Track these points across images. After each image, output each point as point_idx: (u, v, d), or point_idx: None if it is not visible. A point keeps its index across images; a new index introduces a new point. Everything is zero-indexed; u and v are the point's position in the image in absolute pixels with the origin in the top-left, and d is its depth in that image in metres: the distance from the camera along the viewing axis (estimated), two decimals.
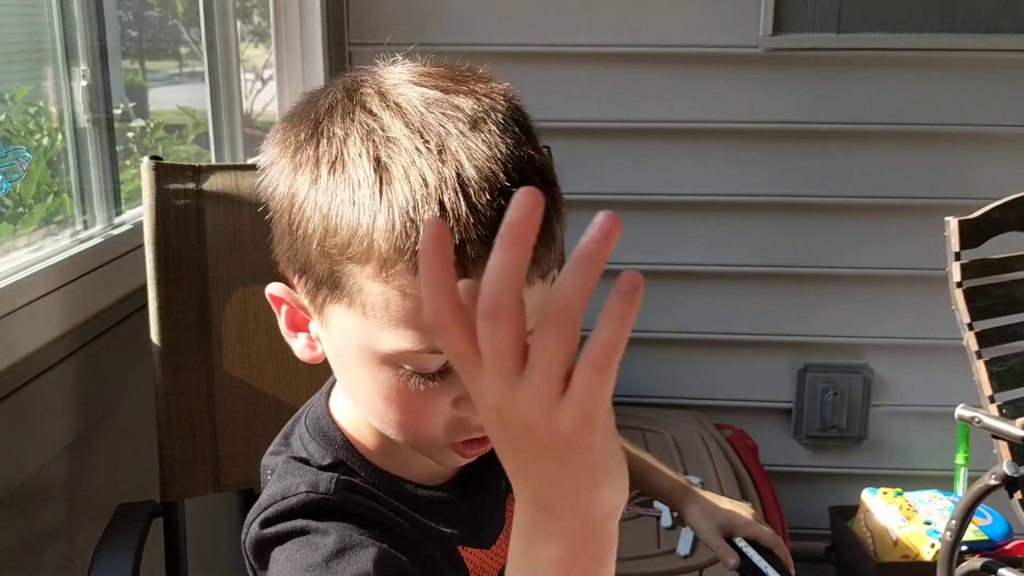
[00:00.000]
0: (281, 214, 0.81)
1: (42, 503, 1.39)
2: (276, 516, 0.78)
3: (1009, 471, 1.83)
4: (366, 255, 0.73)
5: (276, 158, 0.81)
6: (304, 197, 0.77)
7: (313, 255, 0.77)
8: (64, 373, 1.42)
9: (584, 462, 0.54)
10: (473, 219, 0.71)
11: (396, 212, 0.72)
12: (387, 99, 0.77)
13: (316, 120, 0.78)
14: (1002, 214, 2.14)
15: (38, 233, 1.63)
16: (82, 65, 1.65)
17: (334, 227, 0.75)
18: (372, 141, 0.75)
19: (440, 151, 0.73)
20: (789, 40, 2.67)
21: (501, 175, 0.74)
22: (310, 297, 0.81)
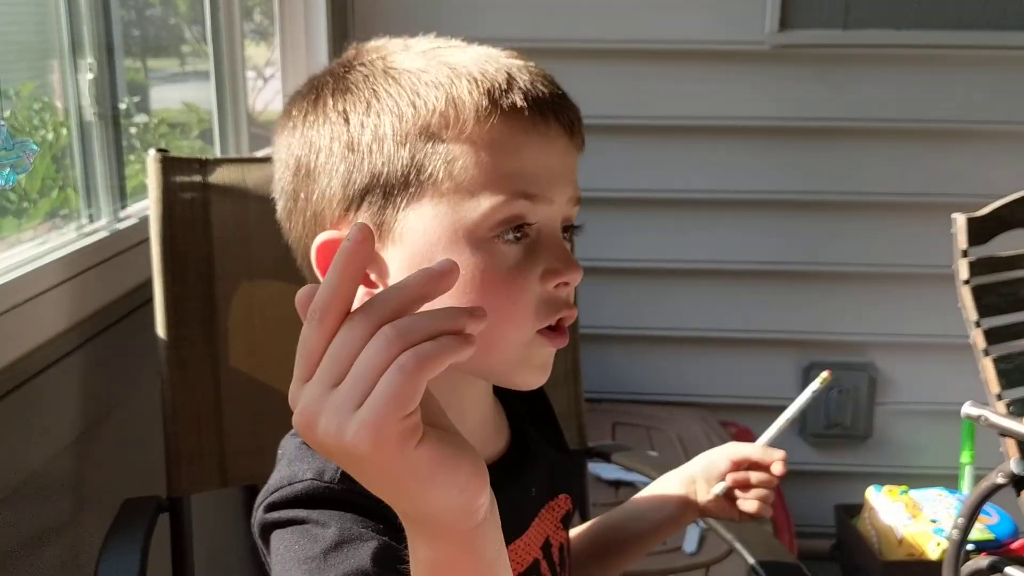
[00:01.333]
0: (328, 154, 0.83)
1: (48, 497, 1.39)
2: (280, 502, 0.78)
3: (1016, 469, 1.82)
4: (456, 120, 0.79)
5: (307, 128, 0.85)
6: (364, 112, 0.82)
7: (385, 155, 0.80)
8: (70, 367, 1.41)
9: (385, 474, 0.55)
10: (533, 76, 0.83)
11: (474, 71, 0.81)
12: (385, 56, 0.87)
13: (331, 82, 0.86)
14: (1010, 211, 2.13)
15: (43, 227, 1.62)
16: (89, 58, 1.64)
17: (410, 112, 0.80)
18: (402, 59, 0.86)
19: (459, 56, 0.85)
20: (795, 37, 2.66)
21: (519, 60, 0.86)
22: (377, 218, 0.81)
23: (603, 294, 2.81)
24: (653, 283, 2.88)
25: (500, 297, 0.79)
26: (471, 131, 0.79)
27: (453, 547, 0.59)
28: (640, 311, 2.88)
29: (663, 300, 2.88)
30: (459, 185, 0.79)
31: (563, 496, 0.99)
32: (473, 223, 0.79)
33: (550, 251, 0.81)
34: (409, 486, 0.55)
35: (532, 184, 0.80)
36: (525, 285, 0.80)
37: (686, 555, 2.09)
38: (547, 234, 0.82)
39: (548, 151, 0.82)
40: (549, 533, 0.95)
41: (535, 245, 0.81)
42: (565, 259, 0.82)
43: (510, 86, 0.81)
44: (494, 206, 0.78)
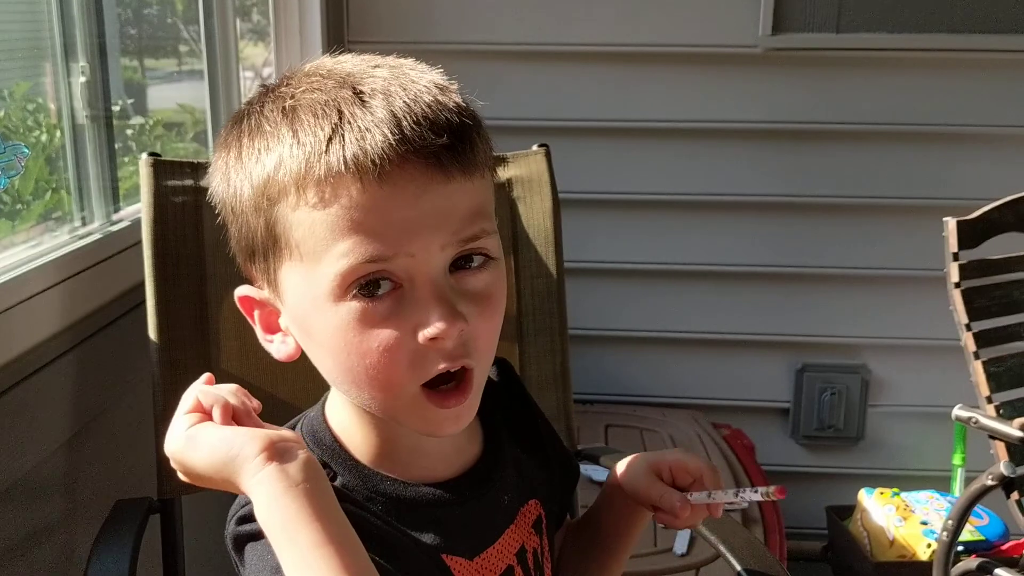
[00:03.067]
0: (226, 207, 0.85)
1: (40, 499, 1.39)
2: (250, 515, 0.78)
3: (1006, 471, 1.83)
4: (284, 188, 0.78)
5: (213, 172, 0.87)
6: (235, 173, 0.83)
7: (251, 221, 0.82)
8: (62, 369, 1.42)
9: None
10: (372, 121, 0.77)
11: (302, 136, 0.78)
12: (293, 80, 0.84)
13: (239, 127, 0.84)
14: (1001, 214, 2.14)
15: (36, 229, 1.63)
16: (81, 61, 1.65)
17: (259, 179, 0.80)
18: (282, 101, 0.81)
19: (344, 84, 0.80)
20: (788, 40, 2.67)
21: (401, 89, 0.79)
22: (265, 277, 0.84)
23: (597, 295, 2.82)
24: (647, 285, 2.88)
25: (370, 355, 0.79)
26: (302, 196, 0.77)
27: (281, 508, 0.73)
28: (634, 313, 2.89)
29: (657, 302, 2.89)
30: (306, 251, 0.79)
31: (533, 502, 0.98)
32: (326, 287, 0.78)
33: (418, 303, 0.78)
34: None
35: (377, 242, 0.77)
36: (395, 342, 0.79)
37: (676, 556, 2.10)
38: (419, 284, 0.78)
39: (396, 203, 0.76)
40: (523, 539, 0.95)
41: (405, 298, 0.79)
42: (433, 311, 0.78)
43: (337, 137, 0.76)
44: (339, 272, 0.77)
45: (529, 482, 0.99)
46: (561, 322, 1.61)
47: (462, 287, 0.81)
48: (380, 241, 0.77)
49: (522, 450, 1.00)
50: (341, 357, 0.81)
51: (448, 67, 0.83)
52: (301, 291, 0.81)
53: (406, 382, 0.80)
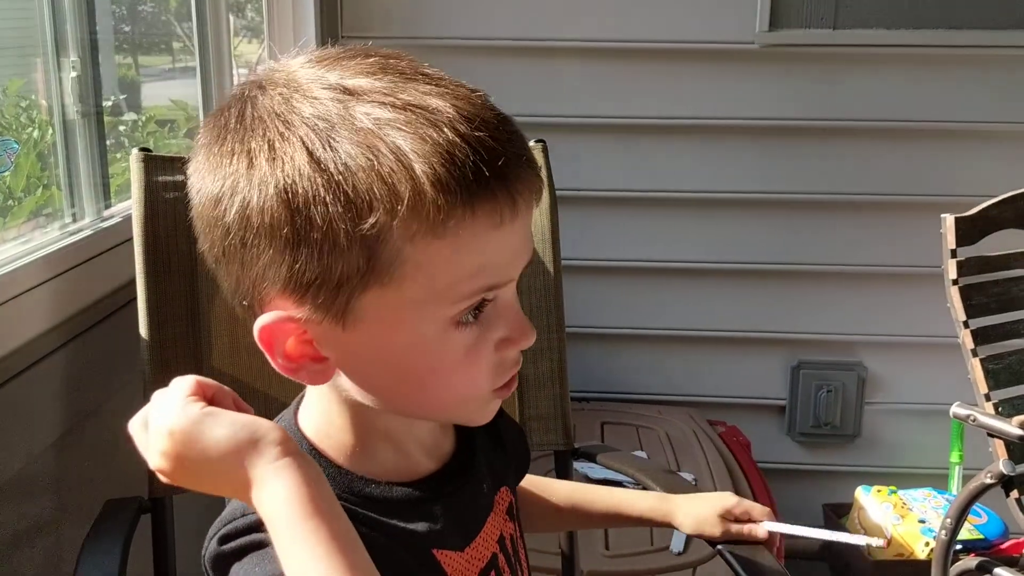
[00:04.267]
0: (266, 239, 0.74)
1: (30, 498, 1.38)
2: (234, 532, 0.77)
3: (1005, 469, 1.81)
4: (409, 218, 0.72)
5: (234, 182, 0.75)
6: (308, 194, 0.72)
7: (337, 254, 0.73)
8: (53, 367, 1.41)
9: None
10: (495, 151, 0.74)
11: (432, 157, 0.72)
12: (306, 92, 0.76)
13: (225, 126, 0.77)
14: (999, 211, 2.13)
15: (27, 226, 1.62)
16: (72, 56, 1.63)
17: (364, 206, 0.72)
18: (372, 106, 0.74)
19: (408, 106, 0.74)
20: (785, 36, 2.66)
21: (471, 107, 0.76)
22: (326, 307, 0.76)
23: (593, 293, 2.80)
24: (643, 282, 2.87)
25: (458, 375, 0.80)
26: (426, 229, 0.73)
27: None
28: (629, 310, 2.88)
29: (652, 299, 2.88)
30: (417, 282, 0.75)
31: (504, 489, 0.99)
32: (431, 316, 0.77)
33: (505, 320, 0.81)
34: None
35: (495, 274, 0.78)
36: (481, 359, 0.80)
37: (673, 555, 2.09)
38: (503, 304, 0.81)
39: (512, 234, 0.77)
40: (501, 527, 0.95)
41: (491, 316, 0.80)
42: (520, 327, 0.81)
43: (474, 174, 0.73)
44: (455, 303, 0.77)
45: (498, 470, 0.99)
46: (558, 319, 1.60)
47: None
48: (501, 271, 0.79)
49: (488, 438, 1.00)
50: (426, 378, 0.80)
51: (442, 63, 0.81)
52: (393, 315, 0.76)
53: (486, 390, 0.83)
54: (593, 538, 2.11)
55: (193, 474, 0.73)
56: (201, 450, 0.72)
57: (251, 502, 0.72)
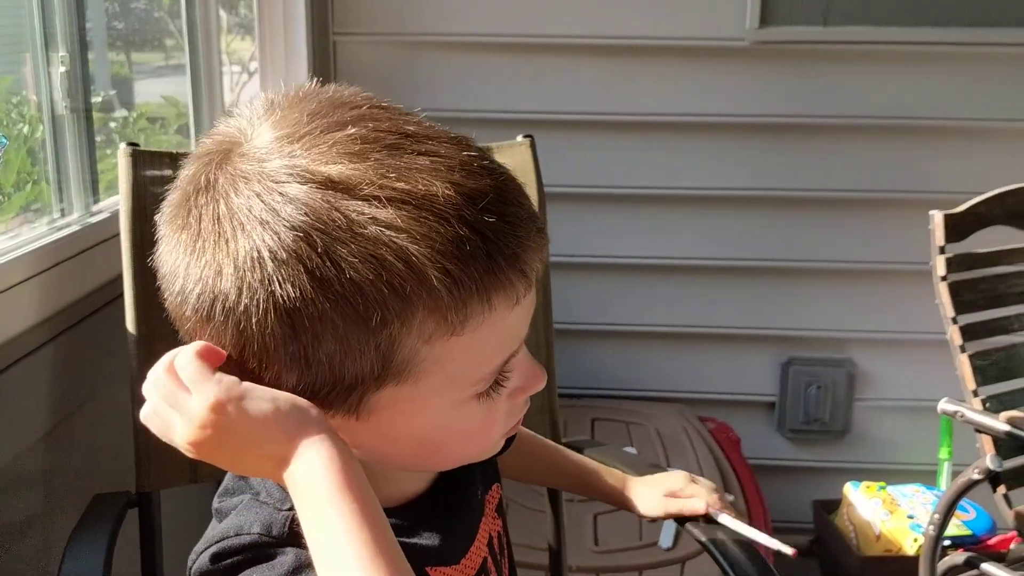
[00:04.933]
0: (264, 352, 0.71)
1: (17, 492, 1.38)
2: (228, 551, 0.75)
3: (992, 465, 1.82)
4: (427, 320, 0.70)
5: (202, 261, 0.72)
6: (311, 314, 0.68)
7: (347, 360, 0.70)
8: (40, 362, 1.41)
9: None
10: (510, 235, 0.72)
11: (440, 254, 0.68)
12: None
13: (188, 209, 0.73)
14: (987, 208, 2.14)
15: (15, 221, 1.62)
16: (61, 51, 1.63)
17: (371, 318, 0.68)
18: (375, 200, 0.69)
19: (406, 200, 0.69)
20: (775, 33, 2.66)
21: (473, 170, 0.73)
22: (338, 404, 0.73)
23: (584, 290, 2.80)
24: (633, 279, 2.87)
25: (475, 436, 0.80)
26: (444, 330, 0.71)
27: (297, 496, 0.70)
28: (620, 307, 2.88)
29: (643, 296, 2.88)
30: (435, 376, 0.73)
31: (495, 486, 0.99)
32: (451, 399, 0.76)
33: (519, 372, 0.79)
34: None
35: (513, 344, 0.77)
36: (496, 414, 0.79)
37: (662, 551, 2.09)
38: (515, 359, 0.79)
39: (527, 304, 0.76)
40: (490, 528, 0.95)
41: (509, 372, 0.79)
42: (532, 374, 0.81)
43: (487, 265, 0.70)
44: (476, 385, 0.76)
45: (488, 468, 0.98)
46: (546, 316, 1.60)
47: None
48: (518, 338, 0.78)
49: None
50: (438, 445, 0.79)
51: (432, 59, 0.81)
52: (411, 405, 0.74)
53: (496, 440, 0.83)
54: (581, 533, 2.11)
55: (228, 448, 0.71)
56: (244, 424, 0.70)
57: (280, 477, 0.70)
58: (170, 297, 0.76)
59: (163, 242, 0.77)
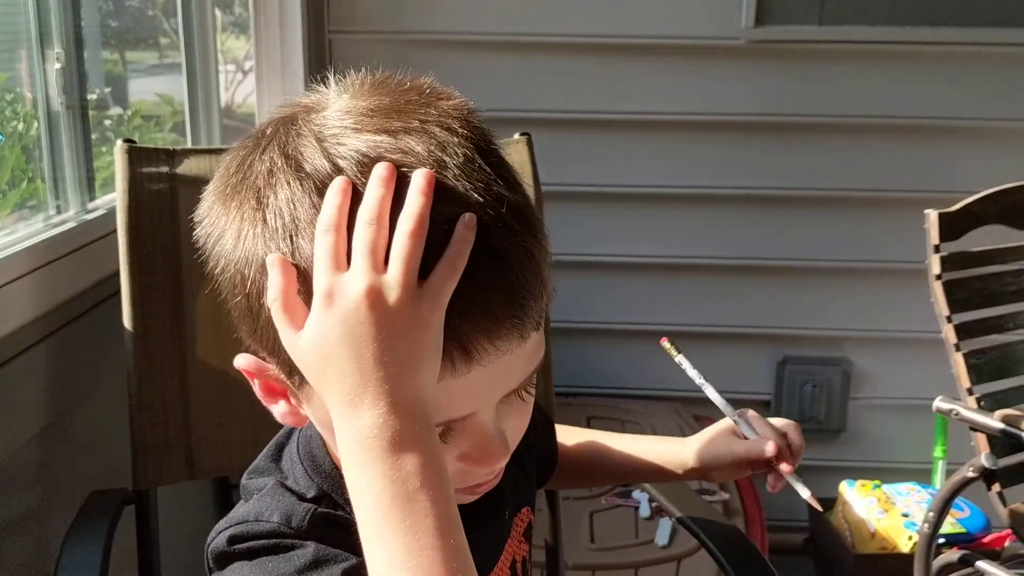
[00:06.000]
0: (236, 296, 0.73)
1: (13, 489, 1.38)
2: (244, 536, 0.75)
3: (987, 463, 1.83)
4: None
5: (220, 233, 0.73)
6: (263, 283, 0.69)
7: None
8: (36, 359, 1.41)
9: (424, 341, 0.64)
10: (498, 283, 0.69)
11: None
12: (331, 159, 0.69)
13: (257, 190, 0.70)
14: (982, 207, 2.14)
15: (10, 218, 1.61)
16: (56, 48, 1.63)
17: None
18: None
19: None
20: (771, 32, 2.67)
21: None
22: (285, 374, 0.74)
23: (579, 288, 2.81)
24: (629, 277, 2.88)
25: None
26: None
27: (414, 427, 0.64)
28: (615, 305, 2.88)
29: (638, 294, 2.88)
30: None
31: (525, 509, 0.97)
32: None
33: (470, 439, 0.73)
34: (429, 356, 0.65)
35: (459, 408, 0.71)
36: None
37: (658, 548, 2.10)
38: (472, 423, 0.73)
39: (479, 375, 0.69)
40: (514, 551, 0.93)
41: (456, 431, 0.73)
42: (482, 449, 0.73)
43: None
44: None
45: (522, 489, 0.97)
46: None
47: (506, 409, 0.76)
48: (457, 410, 0.71)
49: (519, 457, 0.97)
50: None
51: (429, 57, 0.80)
52: (324, 415, 0.70)
53: None
54: (578, 531, 2.12)
55: (342, 362, 0.65)
56: (386, 341, 0.64)
57: (344, 416, 0.65)
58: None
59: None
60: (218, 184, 0.74)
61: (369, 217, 0.65)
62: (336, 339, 0.64)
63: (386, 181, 0.65)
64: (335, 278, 0.64)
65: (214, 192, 0.75)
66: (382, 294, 0.64)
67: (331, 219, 0.65)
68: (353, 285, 0.64)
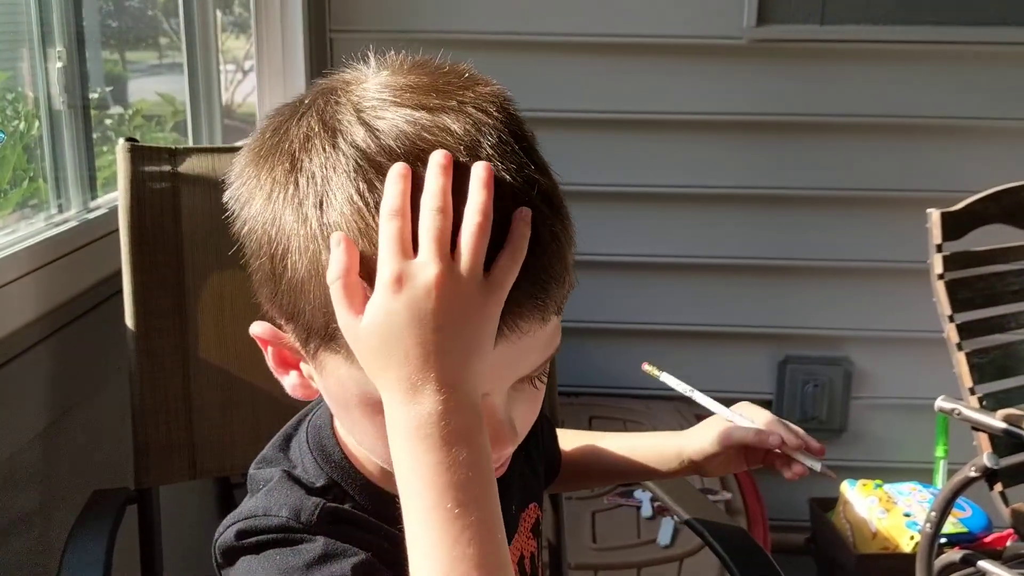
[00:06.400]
0: (260, 258, 0.74)
1: (16, 489, 1.38)
2: (251, 530, 0.75)
3: (989, 463, 1.82)
4: None
5: (249, 194, 0.74)
6: (288, 245, 0.70)
7: (303, 306, 0.71)
8: (38, 358, 1.40)
9: (486, 331, 0.66)
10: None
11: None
12: (369, 129, 0.69)
13: (292, 154, 0.71)
14: (984, 206, 2.14)
15: (12, 217, 1.61)
16: (58, 47, 1.63)
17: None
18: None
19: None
20: (773, 31, 2.67)
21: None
22: (301, 342, 0.74)
23: (581, 287, 2.78)
24: (630, 277, 2.88)
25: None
26: None
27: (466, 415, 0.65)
28: (617, 305, 2.88)
29: (640, 294, 2.88)
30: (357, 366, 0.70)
31: (533, 505, 0.97)
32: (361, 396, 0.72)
33: None
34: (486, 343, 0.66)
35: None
36: None
37: (660, 548, 2.09)
38: (483, 404, 0.71)
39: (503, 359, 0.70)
40: (522, 547, 0.93)
41: None
42: (491, 435, 0.70)
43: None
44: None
45: (529, 485, 0.97)
46: None
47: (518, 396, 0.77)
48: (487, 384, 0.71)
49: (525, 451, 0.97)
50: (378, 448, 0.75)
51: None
52: (349, 386, 0.72)
53: None
54: (580, 531, 2.12)
55: (406, 347, 0.65)
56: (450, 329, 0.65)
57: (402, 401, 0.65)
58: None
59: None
60: (253, 147, 0.75)
61: (437, 205, 0.66)
62: (403, 323, 0.65)
63: (446, 169, 0.66)
64: (404, 264, 0.65)
65: (248, 154, 0.75)
66: (452, 282, 0.65)
67: (396, 204, 0.66)
68: (424, 272, 0.64)
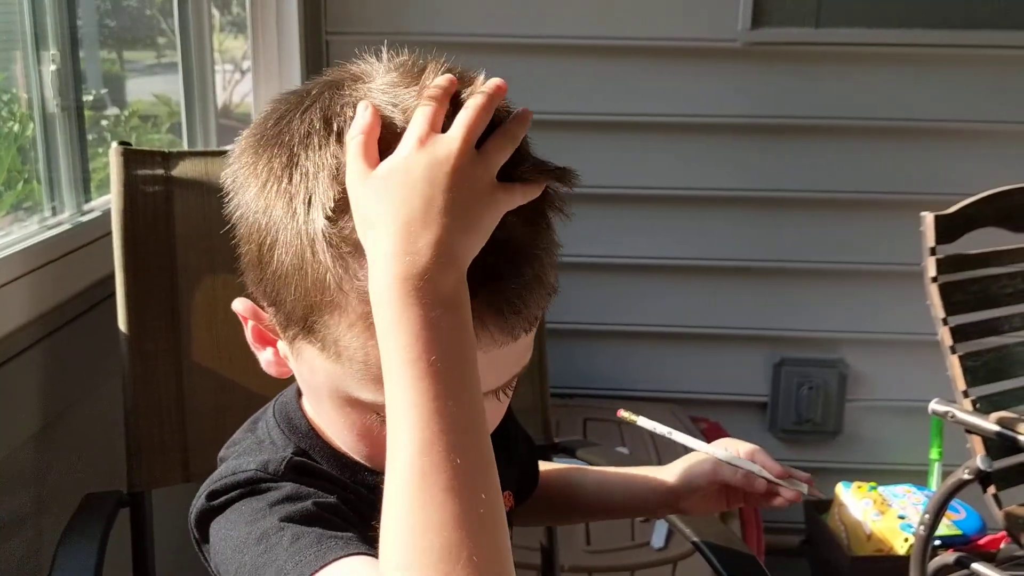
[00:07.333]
0: (249, 244, 0.75)
1: (7, 492, 1.38)
2: (223, 489, 0.77)
3: (983, 466, 1.83)
4: (345, 305, 0.70)
5: (245, 180, 0.75)
6: (276, 237, 0.72)
7: (285, 296, 0.72)
8: (30, 361, 1.40)
9: (486, 215, 0.68)
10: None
11: None
12: None
13: (291, 148, 0.72)
14: (978, 210, 2.14)
15: (5, 220, 1.61)
16: (52, 50, 1.63)
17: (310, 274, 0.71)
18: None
19: None
20: (768, 35, 2.67)
21: None
22: (280, 327, 0.76)
23: (576, 290, 2.80)
24: (626, 279, 2.88)
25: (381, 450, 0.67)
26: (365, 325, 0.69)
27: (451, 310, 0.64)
28: (613, 307, 2.88)
29: (636, 296, 2.88)
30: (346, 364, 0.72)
31: (506, 493, 0.98)
32: (357, 399, 0.74)
33: None
34: (481, 198, 0.68)
35: None
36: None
37: (654, 551, 2.09)
38: None
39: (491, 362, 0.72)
40: None
41: None
42: None
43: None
44: (376, 403, 0.71)
45: (500, 473, 0.97)
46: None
47: None
48: None
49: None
50: (345, 437, 0.79)
51: None
52: (322, 376, 0.75)
53: None
54: (573, 533, 2.11)
55: (413, 196, 0.66)
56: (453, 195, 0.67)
57: (395, 252, 0.64)
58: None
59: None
60: (254, 132, 0.77)
61: (476, 104, 0.72)
62: (418, 176, 0.66)
63: (493, 95, 0.76)
64: (432, 132, 0.69)
65: (249, 138, 0.77)
66: (474, 163, 0.68)
67: (437, 92, 0.71)
68: (450, 142, 0.68)
